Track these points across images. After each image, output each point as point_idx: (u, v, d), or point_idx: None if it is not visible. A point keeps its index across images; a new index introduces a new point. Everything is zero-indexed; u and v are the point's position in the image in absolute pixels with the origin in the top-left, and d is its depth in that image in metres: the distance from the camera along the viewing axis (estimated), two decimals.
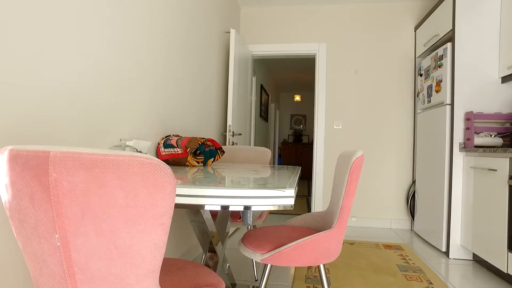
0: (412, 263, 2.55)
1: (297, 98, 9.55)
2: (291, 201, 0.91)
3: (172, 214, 0.65)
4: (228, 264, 1.93)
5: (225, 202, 0.85)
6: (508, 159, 2.11)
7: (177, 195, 0.90)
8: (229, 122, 3.02)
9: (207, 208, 0.89)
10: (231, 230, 3.30)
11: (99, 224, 0.63)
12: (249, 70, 3.82)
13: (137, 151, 1.46)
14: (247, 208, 0.85)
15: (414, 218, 3.56)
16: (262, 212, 2.16)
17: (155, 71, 1.97)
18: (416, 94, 3.75)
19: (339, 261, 2.56)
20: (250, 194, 0.85)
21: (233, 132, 3.07)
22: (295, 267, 2.41)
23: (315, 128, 3.92)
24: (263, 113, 6.91)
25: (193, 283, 0.98)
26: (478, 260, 2.64)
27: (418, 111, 3.57)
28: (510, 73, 2.50)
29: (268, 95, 7.53)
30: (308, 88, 9.33)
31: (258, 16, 4.10)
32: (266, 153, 2.42)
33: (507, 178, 2.11)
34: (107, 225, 0.63)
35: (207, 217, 1.37)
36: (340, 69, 3.94)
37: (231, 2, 3.66)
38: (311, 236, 1.30)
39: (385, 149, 3.87)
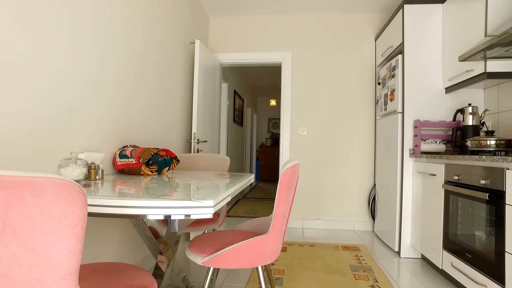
0: (365, 263, 2.71)
1: (273, 102, 9.73)
2: (210, 211, 1.02)
3: (85, 225, 0.76)
4: (184, 274, 2.04)
5: (143, 212, 0.96)
6: (444, 164, 2.30)
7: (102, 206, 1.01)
8: (194, 129, 3.12)
9: (152, 217, 0.99)
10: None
11: (19, 236, 0.73)
12: (217, 78, 3.94)
13: (88, 164, 1.55)
14: (167, 217, 0.96)
15: (375, 220, 3.74)
16: (222, 216, 2.28)
17: (111, 83, 2.06)
18: (376, 102, 3.94)
19: (296, 263, 2.69)
20: (169, 204, 0.97)
21: (198, 140, 3.18)
22: (252, 268, 2.53)
23: (281, 134, 4.06)
24: (237, 118, 7.03)
25: (127, 284, 1.09)
26: (425, 259, 2.83)
27: (378, 117, 3.76)
28: (451, 84, 2.70)
29: (243, 100, 7.66)
30: None
31: (226, 25, 4.22)
32: (225, 160, 2.54)
33: (443, 182, 2.30)
34: (26, 236, 0.73)
35: (152, 221, 1.47)
36: (305, 77, 4.10)
37: (198, 12, 3.77)
38: (246, 240, 1.42)
39: (349, 154, 4.05)
